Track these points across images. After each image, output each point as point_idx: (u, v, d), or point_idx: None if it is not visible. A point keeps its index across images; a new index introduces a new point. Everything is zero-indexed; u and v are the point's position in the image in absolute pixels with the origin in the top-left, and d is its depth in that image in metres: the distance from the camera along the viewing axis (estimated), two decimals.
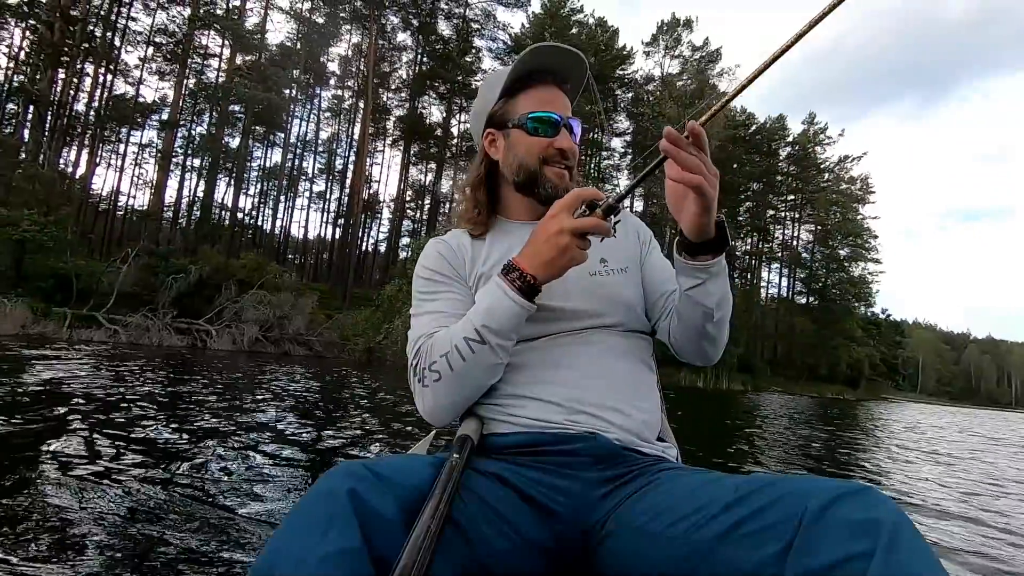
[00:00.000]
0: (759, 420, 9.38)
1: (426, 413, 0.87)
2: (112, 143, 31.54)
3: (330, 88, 37.97)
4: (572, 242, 0.76)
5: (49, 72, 22.89)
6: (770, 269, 47.93)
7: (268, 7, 32.40)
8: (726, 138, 36.07)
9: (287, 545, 0.54)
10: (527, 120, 0.97)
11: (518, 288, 0.80)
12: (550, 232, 0.78)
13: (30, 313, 12.91)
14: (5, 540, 1.62)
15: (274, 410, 4.79)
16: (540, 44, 0.95)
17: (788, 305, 45.05)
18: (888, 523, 0.53)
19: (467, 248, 1.02)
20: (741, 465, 4.31)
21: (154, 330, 14.32)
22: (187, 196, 33.38)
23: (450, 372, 0.83)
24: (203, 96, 30.59)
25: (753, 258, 46.19)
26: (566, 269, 0.79)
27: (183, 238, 27.08)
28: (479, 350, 0.81)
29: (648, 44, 38.13)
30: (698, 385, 27.01)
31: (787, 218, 46.83)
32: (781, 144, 44.24)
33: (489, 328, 0.81)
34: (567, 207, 0.78)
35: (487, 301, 0.82)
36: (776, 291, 48.13)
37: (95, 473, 2.38)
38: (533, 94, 0.98)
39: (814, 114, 45.46)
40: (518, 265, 0.81)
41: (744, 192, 43.04)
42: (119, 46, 29.55)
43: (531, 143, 0.97)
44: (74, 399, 4.21)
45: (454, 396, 0.85)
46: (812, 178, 43.65)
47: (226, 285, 16.66)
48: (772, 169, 43.37)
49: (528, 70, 0.98)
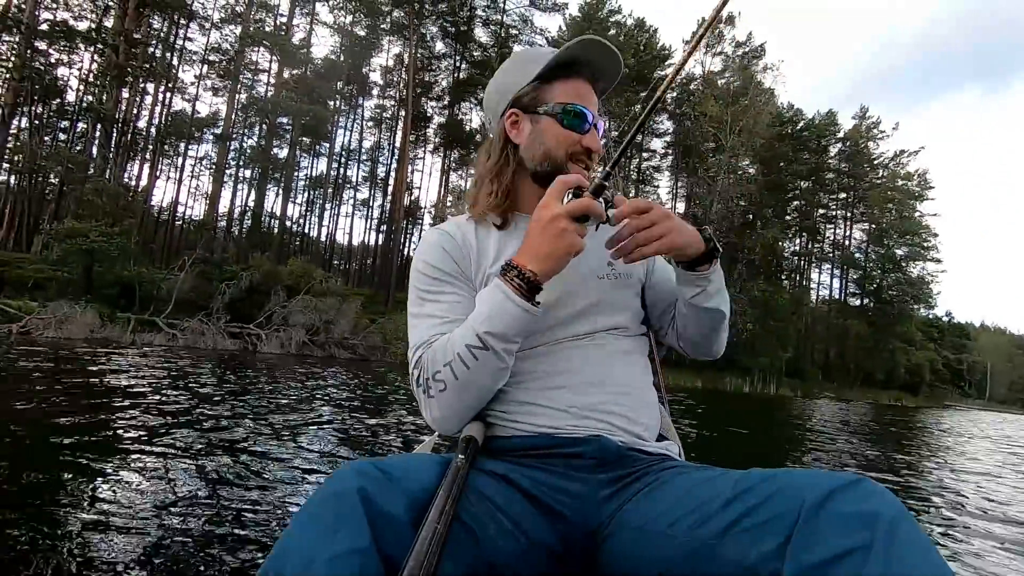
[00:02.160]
0: (806, 428, 9.04)
1: (434, 423, 0.85)
2: (171, 157, 33.33)
3: (372, 98, 38.97)
4: (569, 226, 0.75)
5: (114, 92, 24.40)
6: (820, 270, 46.03)
7: (313, 22, 33.58)
8: (772, 136, 34.93)
9: (297, 545, 0.54)
10: (562, 110, 0.92)
11: (518, 288, 0.77)
12: (544, 221, 0.76)
13: (98, 318, 13.76)
14: (72, 508, 1.77)
15: (317, 408, 4.97)
16: (589, 36, 0.91)
17: (840, 307, 43.13)
18: (886, 516, 0.53)
19: (472, 242, 0.96)
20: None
21: (209, 334, 15.00)
22: (239, 206, 34.94)
23: (455, 381, 0.80)
24: (253, 110, 31.94)
25: (802, 259, 44.51)
26: (567, 258, 0.77)
27: (235, 246, 28.29)
28: (483, 356, 0.79)
29: (688, 42, 37.44)
30: (744, 391, 26.20)
31: (838, 217, 44.90)
32: (831, 140, 42.51)
33: (492, 334, 0.78)
34: (555, 194, 0.77)
35: (488, 306, 0.79)
36: (827, 293, 46.21)
37: (149, 454, 2.55)
38: (569, 85, 0.94)
39: (866, 108, 43.28)
40: (516, 263, 0.78)
41: (792, 191, 41.55)
42: (177, 65, 31.27)
43: (562, 135, 0.93)
44: (137, 394, 4.50)
45: (462, 404, 0.83)
46: (865, 175, 41.73)
47: (275, 291, 17.29)
48: (822, 166, 41.71)
49: (570, 59, 0.93)
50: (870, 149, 41.84)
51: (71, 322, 13.06)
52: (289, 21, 32.09)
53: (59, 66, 28.10)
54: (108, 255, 16.15)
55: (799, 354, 35.69)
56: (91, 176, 21.39)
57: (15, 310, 13.00)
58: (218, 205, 30.90)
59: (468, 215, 1.01)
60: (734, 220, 30.38)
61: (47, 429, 3.10)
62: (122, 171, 26.29)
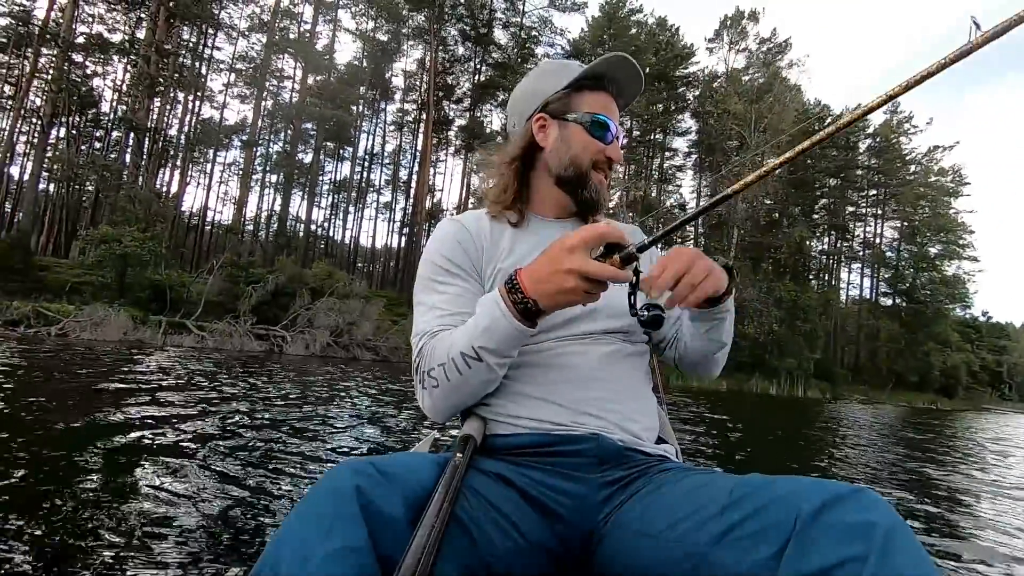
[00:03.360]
0: (832, 432, 8.83)
1: (427, 412, 0.89)
2: (200, 163, 34.21)
3: (395, 102, 39.41)
4: (579, 286, 0.71)
5: (146, 101, 25.16)
6: (850, 269, 44.86)
7: (336, 29, 34.11)
8: (798, 133, 34.25)
9: (292, 542, 0.54)
10: (590, 120, 0.97)
11: (519, 312, 0.76)
12: (559, 267, 0.71)
13: (131, 321, 14.20)
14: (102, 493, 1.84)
15: (339, 407, 5.06)
16: (620, 55, 0.96)
17: (871, 307, 41.97)
18: (882, 526, 0.53)
19: (487, 235, 0.98)
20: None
21: (236, 336, 15.35)
22: (265, 210, 35.72)
23: (447, 383, 0.83)
24: (279, 116, 32.61)
25: (830, 258, 43.47)
26: (568, 306, 0.75)
27: (262, 249, 28.90)
28: (475, 367, 0.80)
29: (711, 40, 36.97)
30: (771, 393, 25.69)
31: (868, 215, 43.73)
32: (860, 136, 41.43)
33: (486, 348, 0.79)
34: (585, 243, 0.71)
35: (486, 320, 0.78)
36: (857, 292, 45.02)
37: (173, 450, 2.63)
38: (597, 97, 0.99)
39: (897, 102, 42.12)
40: (521, 285, 0.75)
41: (820, 189, 40.64)
42: (205, 74, 32.10)
43: (588, 142, 0.97)
44: (165, 393, 4.64)
45: (450, 402, 0.86)
46: (896, 171, 40.53)
47: (300, 293, 17.61)
48: (851, 163, 40.66)
49: (600, 73, 0.98)
50: (902, 145, 40.65)
51: (106, 324, 13.50)
52: (312, 28, 32.69)
53: (94, 77, 29.17)
54: (140, 259, 16.67)
55: (828, 355, 34.85)
56: (124, 183, 22.10)
57: (54, 313, 13.49)
58: (245, 210, 31.63)
59: (486, 210, 1.04)
60: (759, 219, 29.86)
61: (82, 425, 3.22)
62: (154, 178, 27.10)
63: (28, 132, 28.52)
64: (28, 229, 21.32)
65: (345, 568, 0.52)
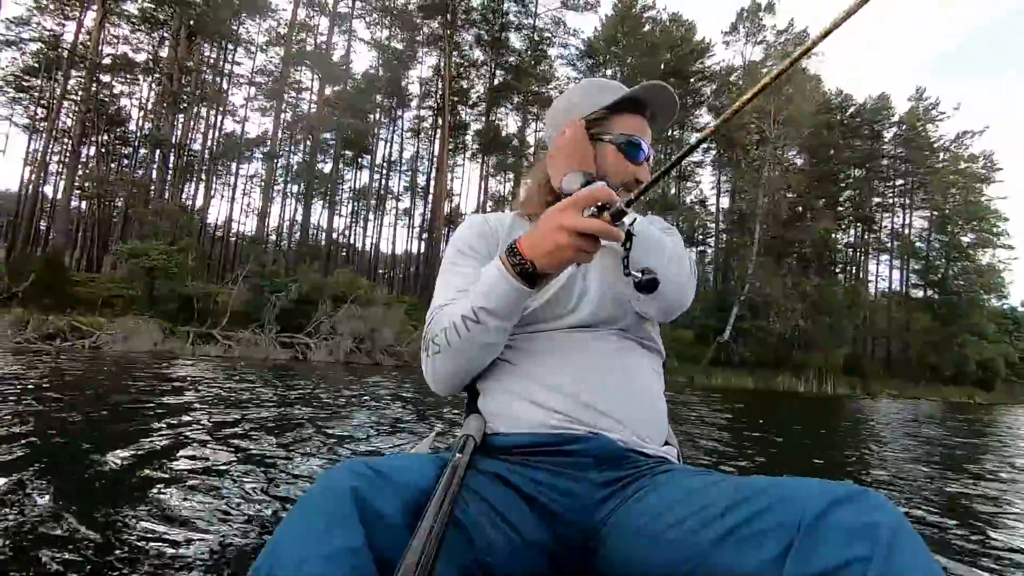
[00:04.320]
0: (859, 429, 8.62)
1: (429, 381, 0.93)
2: (223, 176, 34.97)
3: (411, 109, 39.77)
4: (571, 242, 0.73)
5: (170, 117, 25.84)
6: (878, 261, 43.72)
7: (351, 39, 34.59)
8: (820, 124, 33.55)
9: (289, 544, 0.54)
10: (625, 141, 1.01)
11: (517, 272, 0.79)
12: (552, 225, 0.75)
13: (160, 332, 14.58)
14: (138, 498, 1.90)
15: (362, 411, 5.12)
16: (660, 83, 1.01)
17: (902, 300, 40.84)
18: (887, 527, 0.53)
19: (506, 229, 1.05)
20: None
21: (262, 344, 15.65)
22: (287, 220, 36.32)
23: (448, 347, 0.86)
24: (298, 127, 33.17)
25: (857, 251, 42.43)
26: (564, 265, 0.77)
27: (285, 259, 29.40)
28: (474, 329, 0.83)
29: (727, 33, 36.52)
30: (798, 389, 25.18)
31: (895, 205, 42.59)
32: (885, 125, 40.43)
33: (485, 309, 0.82)
34: (576, 204, 0.74)
35: (487, 282, 0.82)
36: (887, 285, 43.83)
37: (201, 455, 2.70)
38: (632, 119, 1.03)
39: (923, 88, 40.95)
40: (519, 248, 0.79)
41: (844, 180, 39.73)
42: (227, 89, 32.82)
43: (620, 163, 1.01)
44: (198, 399, 4.76)
45: (452, 369, 0.89)
46: (924, 159, 39.40)
47: (322, 301, 17.87)
48: (876, 153, 39.68)
49: (639, 97, 1.03)
50: (928, 132, 39.54)
51: (136, 336, 13.89)
52: (328, 40, 33.18)
53: (122, 97, 30.06)
54: (168, 272, 17.12)
55: (857, 350, 34.05)
56: (151, 198, 22.72)
57: (87, 326, 13.93)
58: (268, 220, 32.23)
59: (515, 212, 1.10)
60: (782, 213, 29.30)
61: (116, 431, 3.33)
62: (180, 192, 27.81)
63: (60, 152, 29.49)
64: (62, 246, 22.07)
65: (342, 569, 0.51)
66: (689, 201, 38.71)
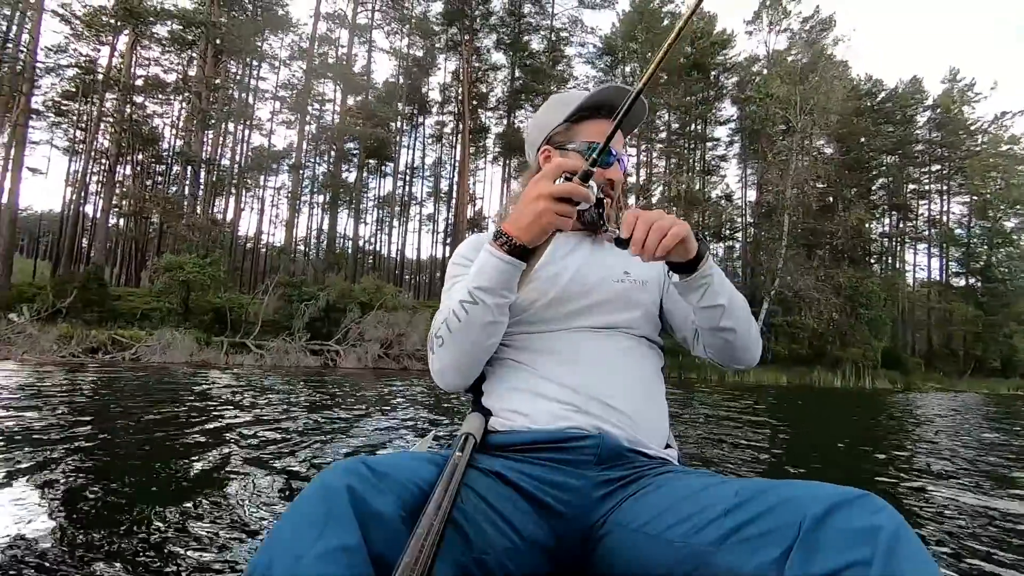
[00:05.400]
0: (897, 426, 8.33)
1: (436, 377, 0.94)
2: (252, 189, 35.88)
3: (432, 115, 40.15)
4: (548, 206, 0.78)
5: (200, 134, 26.65)
6: (916, 250, 42.17)
7: (371, 50, 35.10)
8: (849, 110, 32.54)
9: (285, 542, 0.54)
10: (587, 148, 1.03)
11: (505, 250, 0.82)
12: (530, 197, 0.80)
13: (195, 343, 15.02)
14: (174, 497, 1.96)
15: (390, 415, 5.18)
16: (611, 85, 1.03)
17: (942, 289, 39.30)
18: (887, 531, 0.53)
19: None
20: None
21: (292, 352, 15.97)
22: (314, 230, 37.04)
23: (449, 334, 0.88)
24: (323, 138, 33.82)
25: (893, 240, 41.05)
26: (546, 232, 0.81)
27: (313, 268, 29.98)
28: (472, 310, 0.85)
29: (750, 23, 35.85)
30: (835, 385, 24.47)
31: (932, 191, 41.08)
32: (918, 109, 39.07)
33: (480, 288, 0.84)
34: (548, 174, 0.80)
35: (477, 264, 0.86)
36: (925, 274, 42.28)
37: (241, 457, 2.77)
38: (593, 125, 1.05)
39: (956, 70, 39.45)
40: (504, 230, 0.83)
41: (876, 168, 38.52)
42: (253, 104, 33.67)
43: None
44: (235, 405, 4.89)
45: (455, 356, 0.90)
46: (961, 143, 37.91)
47: (350, 308, 18.15)
48: (908, 138, 38.35)
49: (598, 103, 1.05)
50: (964, 114, 38.04)
51: (173, 347, 14.33)
52: (349, 51, 33.74)
53: (154, 116, 31.13)
54: (202, 284, 17.64)
55: (897, 343, 32.90)
56: (184, 213, 23.44)
57: (127, 339, 14.44)
58: (295, 230, 32.89)
59: None
60: (811, 204, 28.54)
61: (156, 439, 3.44)
62: (211, 206, 28.62)
63: (99, 172, 30.69)
64: (102, 262, 22.94)
65: (338, 568, 0.51)
66: (715, 196, 38.02)
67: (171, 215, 23.75)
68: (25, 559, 1.58)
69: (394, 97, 34.56)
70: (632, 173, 37.46)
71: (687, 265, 0.88)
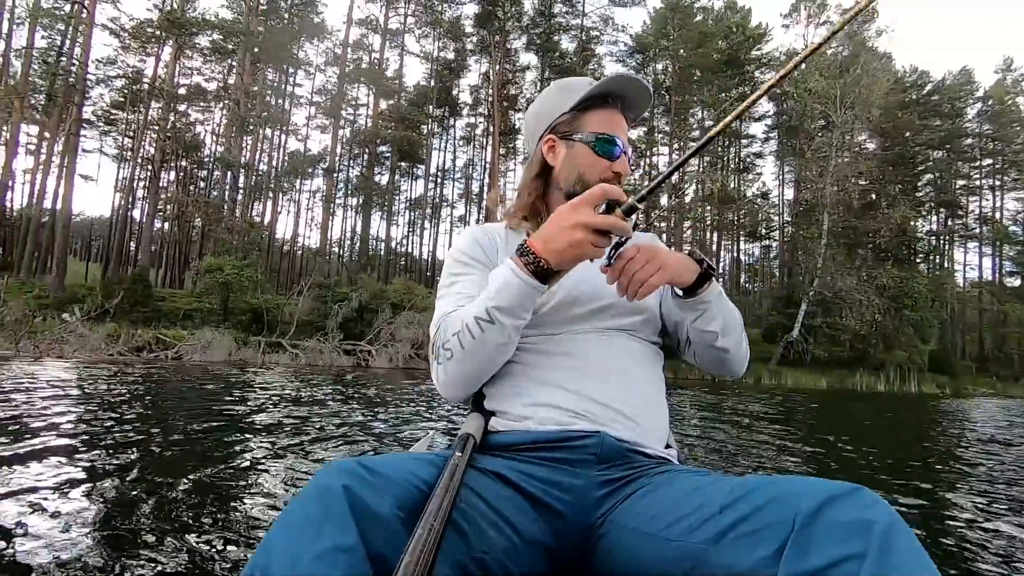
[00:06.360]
0: (944, 433, 7.94)
1: (440, 388, 0.92)
2: (288, 193, 36.82)
3: (462, 117, 40.47)
4: (586, 238, 0.76)
5: (239, 140, 27.51)
6: (966, 249, 40.31)
7: (403, 54, 35.60)
8: (893, 104, 31.27)
9: (282, 543, 0.54)
10: (595, 139, 1.00)
11: (531, 271, 0.80)
12: (567, 223, 0.77)
13: (234, 342, 15.48)
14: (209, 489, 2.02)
15: (423, 414, 5.24)
16: (623, 73, 1.00)
17: (995, 290, 37.43)
18: (881, 524, 0.53)
19: (502, 238, 1.07)
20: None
21: (326, 352, 16.31)
22: (348, 232, 37.78)
23: (461, 350, 0.85)
24: (356, 142, 34.50)
25: (940, 238, 39.30)
26: (578, 261, 0.79)
27: (346, 269, 30.57)
28: (488, 329, 0.83)
29: (787, 16, 34.94)
30: (878, 389, 23.55)
31: (983, 187, 39.18)
32: (968, 101, 37.34)
33: (499, 308, 0.82)
34: (589, 201, 0.77)
35: (499, 281, 0.83)
36: (976, 274, 40.37)
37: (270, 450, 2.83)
38: (601, 115, 1.02)
39: (1011, 59, 37.53)
40: (532, 248, 0.80)
41: (922, 163, 36.94)
42: (289, 110, 34.56)
43: (595, 161, 1.00)
44: (270, 402, 5.03)
45: (465, 373, 0.88)
46: (1015, 136, 36.07)
47: (381, 309, 18.43)
48: (957, 132, 36.67)
49: (604, 92, 1.02)
50: (1020, 106, 36.16)
51: (213, 347, 14.81)
52: (381, 56, 34.31)
53: (196, 124, 32.30)
54: (240, 285, 18.19)
55: (945, 346, 31.46)
56: (224, 217, 24.22)
57: (170, 338, 14.99)
58: (330, 232, 33.61)
59: (506, 223, 1.11)
60: (852, 202, 27.52)
61: (200, 434, 3.55)
62: (249, 210, 29.49)
63: (145, 178, 32.03)
64: (147, 264, 23.91)
65: (336, 568, 0.51)
66: (750, 194, 37.15)
67: (212, 219, 24.59)
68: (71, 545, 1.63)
69: (425, 100, 34.97)
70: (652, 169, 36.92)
71: (686, 289, 0.92)
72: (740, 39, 35.00)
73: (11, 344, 12.42)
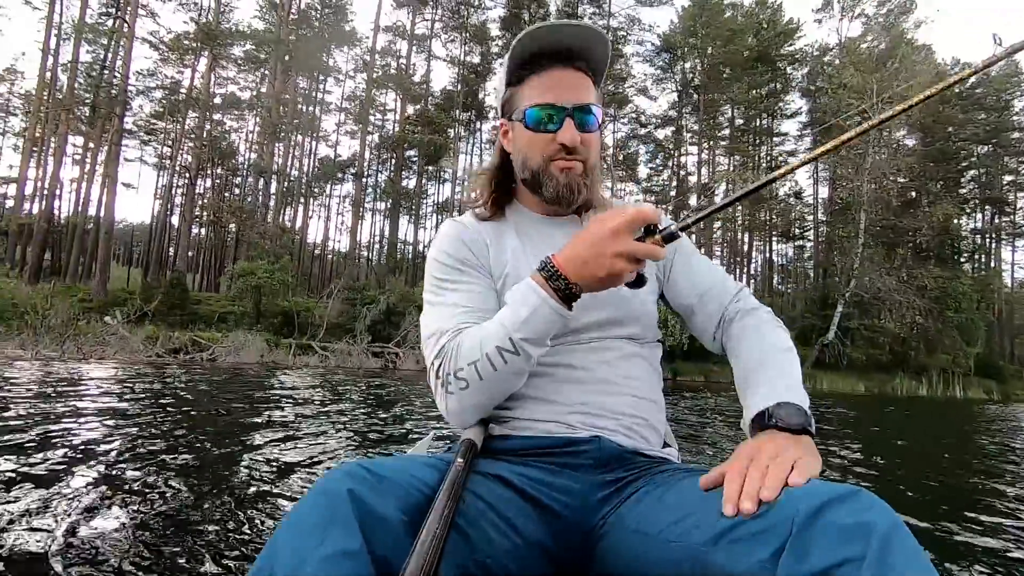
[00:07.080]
0: (990, 442, 7.57)
1: (449, 416, 0.86)
2: (319, 198, 37.59)
3: (488, 120, 40.65)
4: (626, 267, 0.73)
5: (271, 147, 28.21)
6: (1014, 248, 38.53)
7: (430, 59, 35.97)
8: (934, 98, 30.02)
9: (287, 546, 0.54)
10: (523, 115, 0.90)
11: (560, 296, 0.76)
12: (606, 251, 0.72)
13: (265, 344, 15.84)
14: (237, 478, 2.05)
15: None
16: (536, 25, 0.85)
17: None
18: (881, 527, 0.52)
19: (490, 236, 0.98)
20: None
21: (355, 354, 16.54)
22: (376, 235, 38.33)
23: (479, 381, 0.80)
24: (384, 147, 35.01)
25: (986, 237, 37.64)
26: (611, 287, 0.76)
27: (375, 272, 30.99)
28: (512, 361, 0.79)
29: (819, 10, 34.01)
30: (920, 393, 22.67)
31: None
32: (1015, 93, 35.67)
33: (527, 339, 0.78)
34: (628, 227, 0.72)
35: (526, 311, 0.77)
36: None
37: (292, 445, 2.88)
38: (536, 82, 0.90)
39: None
40: (563, 273, 0.75)
41: (966, 159, 35.45)
42: (319, 116, 35.28)
43: (532, 139, 0.91)
44: (303, 400, 5.13)
45: (480, 402, 0.84)
46: None
47: (409, 311, 18.60)
48: (1004, 125, 35.05)
49: (529, 54, 0.90)
50: None
51: (246, 349, 15.18)
52: (408, 61, 34.74)
53: (231, 132, 33.25)
54: (272, 289, 18.61)
55: (992, 349, 30.12)
56: (257, 222, 24.86)
57: (205, 340, 15.43)
58: (359, 236, 34.15)
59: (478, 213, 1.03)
60: (891, 200, 26.58)
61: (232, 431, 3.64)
62: (281, 215, 30.19)
63: (183, 185, 33.14)
64: (184, 269, 24.69)
65: (340, 571, 0.51)
66: (783, 193, 36.25)
67: (245, 224, 25.26)
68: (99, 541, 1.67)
69: (452, 104, 35.25)
70: (693, 172, 36.36)
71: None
72: (771, 35, 34.27)
73: (57, 346, 12.95)
